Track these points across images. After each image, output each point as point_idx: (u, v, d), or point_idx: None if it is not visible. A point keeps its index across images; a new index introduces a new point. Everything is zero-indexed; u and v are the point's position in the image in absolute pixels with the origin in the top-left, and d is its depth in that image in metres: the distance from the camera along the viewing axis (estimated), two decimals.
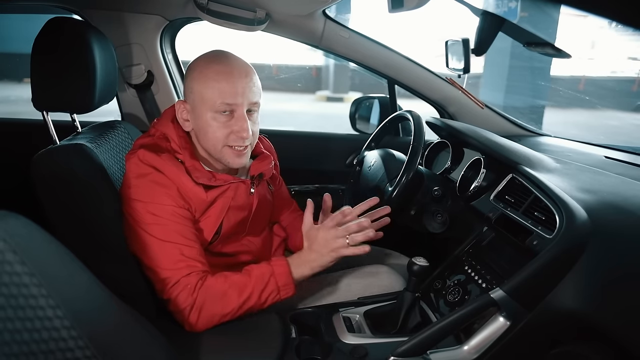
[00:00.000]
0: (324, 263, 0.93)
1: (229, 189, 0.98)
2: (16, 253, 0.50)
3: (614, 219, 0.82)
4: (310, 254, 0.93)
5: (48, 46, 1.00)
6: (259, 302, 0.90)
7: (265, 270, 0.91)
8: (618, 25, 0.49)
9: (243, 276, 0.90)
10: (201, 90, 0.91)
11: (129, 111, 1.60)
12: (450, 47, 1.37)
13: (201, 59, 0.94)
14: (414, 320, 0.96)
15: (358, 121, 1.77)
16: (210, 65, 0.91)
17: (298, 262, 0.93)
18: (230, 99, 0.90)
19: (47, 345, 0.51)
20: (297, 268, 0.93)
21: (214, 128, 0.92)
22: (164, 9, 1.46)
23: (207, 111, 0.91)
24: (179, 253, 0.88)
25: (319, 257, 0.92)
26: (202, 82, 0.90)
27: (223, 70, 0.90)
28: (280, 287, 0.90)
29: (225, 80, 0.89)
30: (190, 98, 0.94)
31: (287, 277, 0.91)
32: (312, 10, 1.36)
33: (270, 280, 0.90)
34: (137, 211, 0.89)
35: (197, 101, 0.92)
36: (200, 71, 0.91)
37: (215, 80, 0.89)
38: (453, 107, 1.61)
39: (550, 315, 0.77)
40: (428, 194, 1.16)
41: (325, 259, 0.92)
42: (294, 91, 7.69)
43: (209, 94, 0.90)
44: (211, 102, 0.90)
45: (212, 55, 0.94)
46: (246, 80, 0.91)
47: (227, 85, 0.89)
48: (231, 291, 0.88)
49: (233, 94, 0.90)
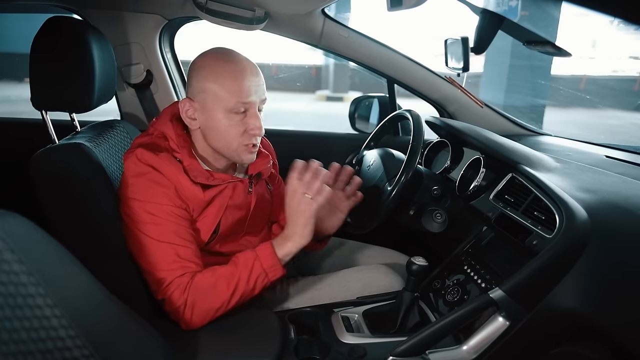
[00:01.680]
0: (302, 231, 0.91)
1: (226, 188, 0.98)
2: (14, 252, 0.50)
3: (614, 218, 0.82)
4: (287, 229, 0.93)
5: (47, 45, 1.00)
6: (248, 289, 0.90)
7: (249, 256, 0.92)
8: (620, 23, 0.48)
9: (230, 266, 0.91)
10: (215, 89, 0.90)
11: (128, 110, 1.60)
12: (449, 46, 1.37)
13: (209, 57, 0.93)
14: (413, 320, 0.95)
15: (357, 120, 1.77)
16: (222, 64, 0.90)
17: (280, 240, 0.93)
18: (246, 98, 0.90)
19: (44, 345, 0.51)
20: (280, 247, 0.93)
21: (227, 127, 0.92)
22: (162, 8, 1.46)
23: (221, 110, 0.91)
24: (174, 254, 0.88)
25: (295, 227, 0.92)
26: (216, 81, 0.90)
27: (236, 69, 0.90)
28: (266, 270, 0.91)
29: (241, 79, 0.89)
30: (200, 97, 0.92)
31: (271, 258, 0.91)
32: (311, 9, 1.36)
33: (255, 264, 0.90)
34: (134, 210, 0.89)
35: (210, 100, 0.91)
36: (213, 70, 0.90)
37: (231, 79, 0.89)
38: (453, 106, 1.61)
39: (549, 315, 0.77)
40: (427, 194, 1.15)
41: (299, 223, 0.91)
42: (294, 90, 7.69)
43: (224, 93, 0.89)
44: (226, 101, 0.90)
45: (220, 54, 0.93)
46: (258, 78, 0.92)
47: (243, 84, 0.89)
48: (219, 283, 0.89)
49: (249, 93, 0.90)
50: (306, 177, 0.91)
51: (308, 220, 0.91)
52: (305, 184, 0.91)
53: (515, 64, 6.46)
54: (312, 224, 0.92)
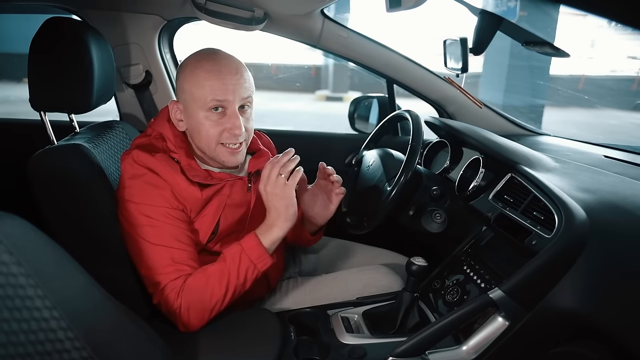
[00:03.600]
0: (285, 214, 0.90)
1: (224, 186, 0.98)
2: (12, 254, 0.50)
3: (613, 218, 0.82)
4: (269, 216, 0.92)
5: (45, 46, 1.00)
6: (239, 283, 0.89)
7: (235, 250, 0.90)
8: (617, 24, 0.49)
9: (219, 263, 0.90)
10: (192, 89, 0.90)
11: (127, 111, 1.60)
12: (448, 46, 1.37)
13: (191, 58, 0.94)
14: (412, 320, 0.95)
15: (357, 121, 1.77)
16: (200, 63, 0.91)
17: (265, 229, 0.92)
18: (220, 96, 0.90)
19: (43, 347, 0.51)
20: (265, 235, 0.91)
21: (206, 127, 0.91)
22: (161, 8, 1.46)
23: (199, 110, 0.91)
24: (169, 257, 0.88)
25: (275, 209, 0.90)
26: (193, 81, 0.90)
27: (212, 68, 0.90)
28: (254, 261, 0.89)
29: (215, 77, 0.89)
30: (182, 98, 0.93)
31: (257, 248, 0.90)
32: (310, 9, 1.36)
33: (242, 257, 0.89)
34: (131, 213, 0.89)
35: (189, 100, 0.92)
36: (191, 70, 0.91)
37: (205, 79, 0.89)
38: (452, 106, 1.61)
39: (549, 315, 0.77)
40: (427, 194, 1.15)
41: (279, 206, 0.90)
42: (293, 91, 7.69)
43: (200, 92, 0.90)
44: (202, 100, 0.90)
45: (201, 54, 0.94)
46: (237, 77, 0.91)
47: (217, 82, 0.89)
48: (211, 282, 0.88)
49: (224, 90, 0.89)
50: (281, 159, 0.90)
51: (289, 202, 0.90)
52: (279, 165, 0.89)
53: (514, 65, 6.47)
54: (294, 206, 0.91)
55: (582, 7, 0.49)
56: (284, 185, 0.89)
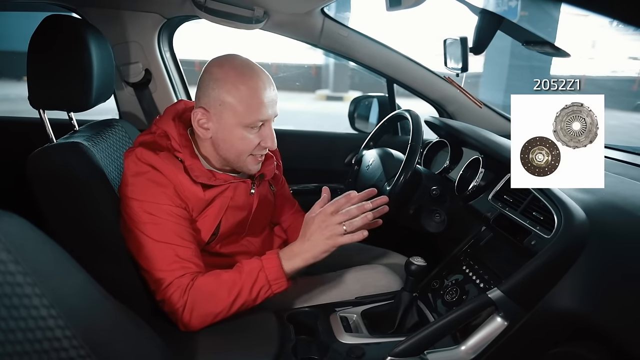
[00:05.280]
0: (316, 253, 0.88)
1: (228, 188, 0.98)
2: (10, 252, 0.50)
3: (612, 219, 0.82)
4: (303, 244, 0.89)
5: (45, 44, 0.99)
6: (250, 298, 0.89)
7: (255, 265, 0.89)
8: (619, 24, 0.48)
9: (234, 273, 0.89)
10: (235, 104, 0.89)
11: (127, 110, 1.60)
12: (448, 46, 1.37)
13: (229, 70, 0.90)
14: (411, 320, 0.95)
15: (357, 120, 1.77)
16: (243, 79, 0.89)
17: (290, 254, 0.90)
18: (264, 116, 0.91)
19: (41, 345, 0.50)
20: (288, 261, 0.90)
21: (242, 141, 0.92)
22: (161, 7, 1.46)
23: (238, 125, 0.91)
24: (173, 254, 0.88)
25: (312, 246, 0.88)
26: (236, 96, 0.89)
27: (256, 86, 0.90)
28: (270, 282, 0.89)
29: (259, 96, 0.90)
30: (217, 109, 0.91)
31: (277, 271, 0.89)
32: (311, 8, 1.35)
33: (260, 275, 0.88)
34: (134, 210, 0.89)
35: (228, 114, 0.90)
36: (234, 85, 0.89)
37: (250, 97, 0.89)
38: (452, 106, 1.61)
39: (548, 316, 0.77)
40: (426, 194, 1.15)
41: (318, 248, 0.87)
42: (294, 90, 7.68)
43: (244, 110, 0.89)
44: (245, 118, 0.90)
45: (241, 67, 0.91)
46: (273, 92, 0.93)
47: (262, 101, 0.90)
48: (221, 290, 0.87)
49: (267, 108, 0.91)
50: (352, 211, 0.86)
51: (330, 249, 0.88)
52: (347, 215, 0.86)
53: (515, 64, 6.46)
54: (329, 253, 0.89)
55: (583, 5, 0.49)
56: (339, 236, 0.86)
